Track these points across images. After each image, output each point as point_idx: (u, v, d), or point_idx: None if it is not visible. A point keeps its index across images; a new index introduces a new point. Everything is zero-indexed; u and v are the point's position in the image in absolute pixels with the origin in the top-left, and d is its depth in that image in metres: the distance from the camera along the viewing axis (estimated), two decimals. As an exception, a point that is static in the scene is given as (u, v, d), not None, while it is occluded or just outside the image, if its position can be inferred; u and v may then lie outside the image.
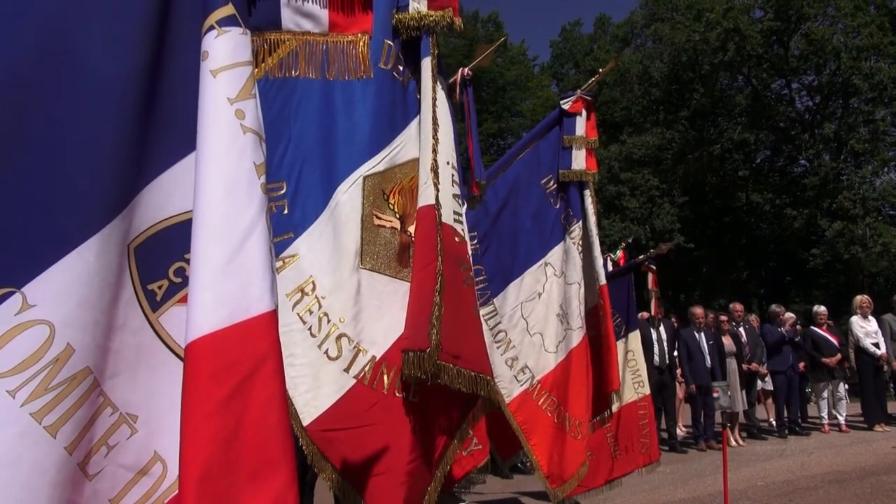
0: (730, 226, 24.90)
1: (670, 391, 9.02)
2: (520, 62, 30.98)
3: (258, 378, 1.48)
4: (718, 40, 21.17)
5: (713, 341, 9.06)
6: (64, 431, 1.46)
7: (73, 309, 1.49)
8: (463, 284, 2.42)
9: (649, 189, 23.46)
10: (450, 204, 2.45)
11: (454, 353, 2.25)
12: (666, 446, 8.81)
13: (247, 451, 1.44)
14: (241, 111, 1.59)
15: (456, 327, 2.31)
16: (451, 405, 2.38)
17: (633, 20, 28.45)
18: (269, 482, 1.44)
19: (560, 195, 4.34)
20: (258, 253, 1.53)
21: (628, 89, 26.06)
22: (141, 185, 1.65)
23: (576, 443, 4.13)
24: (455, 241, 2.44)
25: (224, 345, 1.46)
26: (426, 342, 2.15)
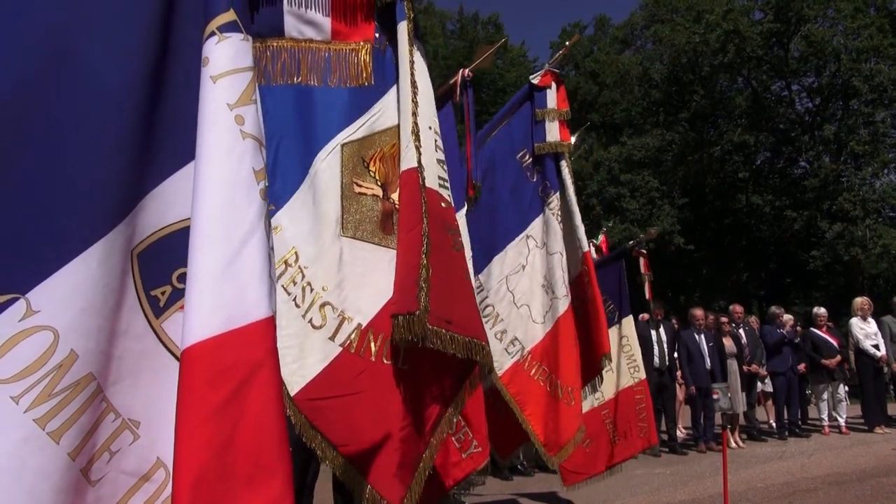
0: (730, 227, 24.89)
1: (670, 393, 9.02)
2: (520, 64, 30.96)
3: (254, 384, 1.48)
4: (718, 42, 21.18)
5: (713, 343, 9.06)
6: (67, 437, 1.46)
7: (76, 315, 1.49)
8: (452, 249, 2.41)
9: (649, 191, 23.45)
10: (434, 169, 2.43)
11: (446, 318, 2.23)
12: (666, 448, 8.81)
13: (242, 457, 1.44)
14: (240, 117, 1.59)
15: (447, 292, 2.29)
16: (443, 372, 2.36)
17: (632, 22, 28.45)
18: (265, 488, 1.44)
19: (536, 168, 4.39)
20: (256, 259, 1.54)
21: (628, 91, 26.06)
22: (144, 191, 1.66)
23: (569, 409, 4.19)
24: (441, 207, 2.42)
25: (220, 350, 1.47)
26: (415, 305, 2.13)
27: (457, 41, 30.58)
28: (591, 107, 29.29)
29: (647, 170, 23.88)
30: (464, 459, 3.23)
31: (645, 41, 27.43)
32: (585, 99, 29.43)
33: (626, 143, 24.67)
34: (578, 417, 4.30)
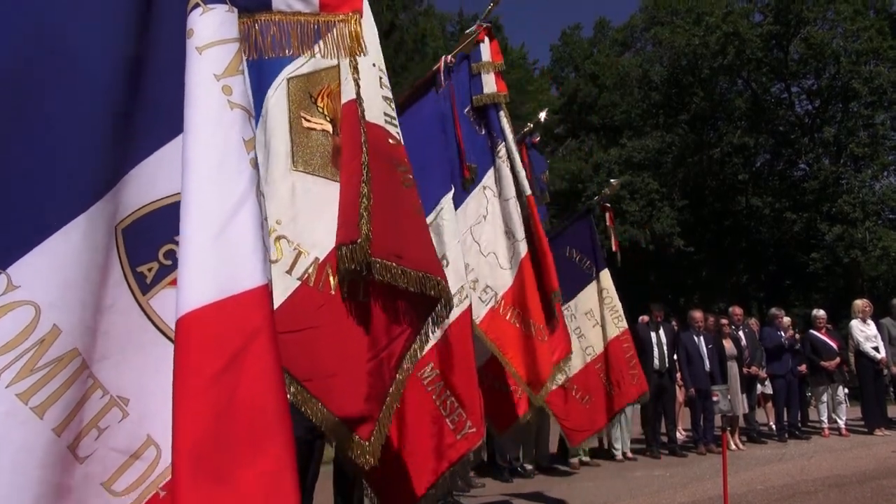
0: (729, 229, 24.90)
1: (670, 395, 9.00)
2: (520, 66, 30.96)
3: (251, 352, 1.47)
4: (718, 44, 21.21)
5: (712, 345, 9.05)
6: (52, 413, 1.45)
7: (58, 290, 1.48)
8: (402, 185, 2.40)
9: (649, 192, 23.46)
10: (379, 105, 2.42)
11: (396, 252, 2.23)
12: (666, 450, 8.80)
13: (241, 425, 1.43)
14: (228, 87, 1.59)
15: (396, 227, 2.29)
16: (404, 308, 2.34)
17: (632, 24, 28.48)
18: (264, 457, 1.43)
19: (482, 122, 4.44)
20: (249, 227, 1.53)
21: (628, 93, 26.08)
22: (128, 167, 1.65)
23: (543, 345, 4.27)
24: (389, 143, 2.41)
25: (215, 319, 1.46)
26: (356, 233, 2.12)
27: (457, 43, 30.55)
28: (591, 109, 29.31)
29: (646, 172, 23.89)
30: (458, 440, 3.23)
31: (645, 43, 27.46)
32: (585, 101, 29.45)
33: (626, 144, 24.68)
34: (551, 351, 4.36)
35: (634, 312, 14.22)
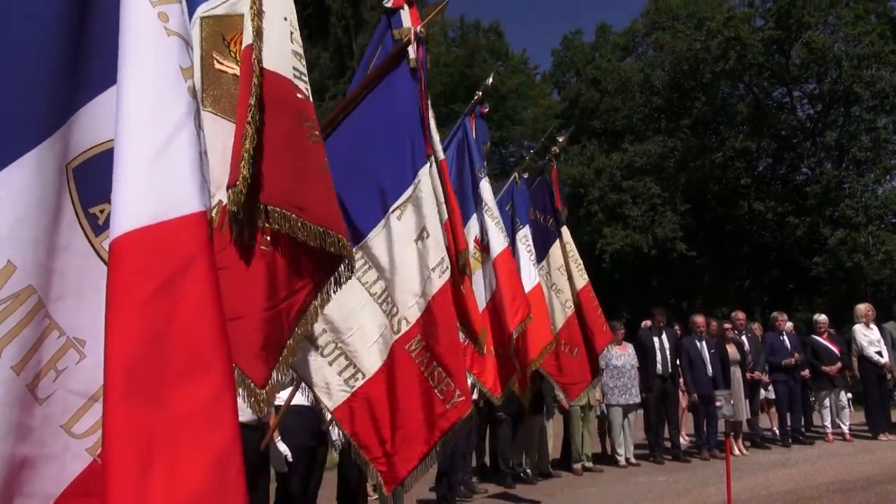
0: (732, 234, 24.86)
1: (673, 400, 8.98)
2: (521, 71, 31.04)
3: (189, 277, 1.46)
4: (719, 49, 21.22)
5: (715, 349, 9.03)
6: (9, 350, 1.45)
7: (11, 224, 1.48)
8: (308, 140, 2.38)
9: (651, 197, 23.45)
10: (289, 59, 2.41)
11: (298, 204, 2.22)
12: (669, 455, 8.78)
13: (177, 349, 1.42)
14: (164, 14, 1.58)
15: (300, 179, 2.28)
16: (306, 261, 2.34)
17: (633, 29, 28.51)
18: (202, 382, 1.42)
19: None
20: (186, 153, 1.52)
21: (629, 98, 26.09)
22: (77, 106, 1.65)
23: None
24: (297, 97, 2.40)
25: (151, 241, 1.45)
26: (237, 173, 2.12)
27: (458, 49, 30.65)
28: (593, 114, 29.34)
29: (648, 176, 23.88)
30: (448, 409, 3.24)
31: (646, 48, 27.48)
32: (587, 106, 29.48)
33: (628, 149, 24.69)
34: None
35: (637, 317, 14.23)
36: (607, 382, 8.65)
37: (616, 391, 8.59)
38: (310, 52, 17.78)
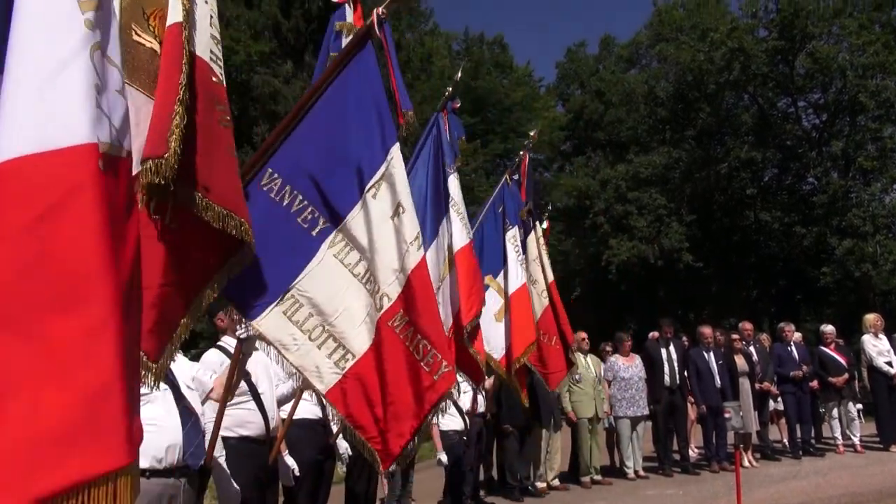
0: (738, 244, 24.79)
1: (681, 411, 8.92)
2: (525, 83, 31.18)
3: (71, 208, 1.44)
4: (723, 60, 21.26)
5: (723, 361, 8.97)
6: None
7: None
8: (219, 124, 2.40)
9: (657, 208, 23.44)
10: (206, 42, 2.42)
11: (204, 184, 2.24)
12: (678, 468, 8.71)
13: (51, 281, 1.40)
14: None
15: (209, 160, 2.29)
16: (207, 243, 2.35)
17: (637, 41, 28.62)
18: (76, 315, 1.40)
19: None
20: (78, 85, 1.49)
21: (634, 109, 26.15)
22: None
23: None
24: (213, 81, 2.41)
25: (33, 170, 1.43)
26: (164, 148, 2.10)
27: (462, 61, 30.80)
28: (598, 125, 29.41)
29: (654, 187, 23.88)
30: (436, 381, 3.24)
31: (650, 60, 27.58)
32: (591, 117, 29.57)
33: (633, 160, 24.71)
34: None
35: (644, 329, 14.17)
36: (615, 394, 8.61)
37: (624, 403, 8.54)
38: (312, 64, 17.94)
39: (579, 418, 8.21)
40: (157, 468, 2.77)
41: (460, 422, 6.64)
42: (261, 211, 2.99)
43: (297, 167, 3.18)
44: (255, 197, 3.00)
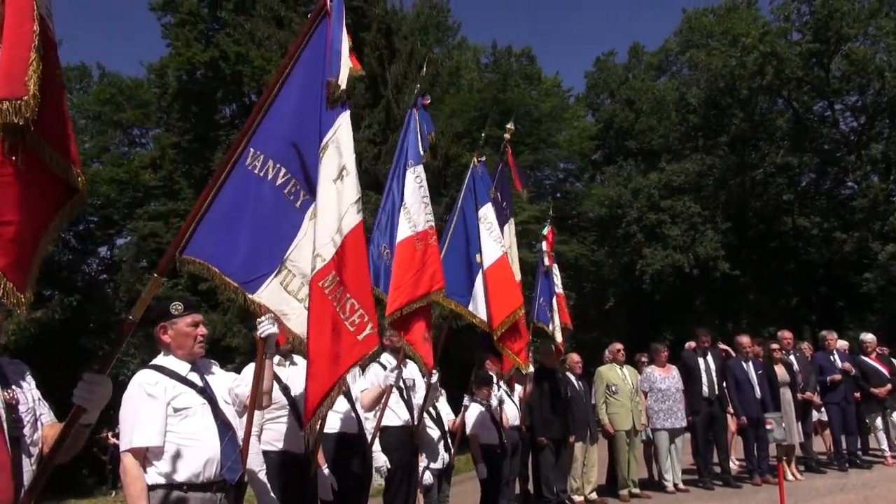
0: (776, 251, 24.33)
1: (721, 423, 8.74)
2: (554, 94, 31.16)
3: None
4: (756, 65, 21.00)
5: (762, 371, 8.79)
6: None
7: None
8: (57, 83, 2.43)
9: (691, 216, 23.15)
10: (44, 2, 2.44)
11: (49, 132, 2.29)
12: (719, 481, 8.54)
13: None
14: None
15: (54, 115, 2.33)
16: (45, 189, 2.38)
17: (667, 48, 28.43)
18: None
19: None
20: None
21: (665, 117, 25.94)
22: None
23: None
24: (51, 37, 2.43)
25: None
26: (23, 90, 2.13)
27: (491, 74, 30.94)
28: (628, 134, 29.21)
29: (687, 195, 23.61)
30: (359, 341, 3.28)
31: (680, 67, 27.37)
32: (622, 126, 29.39)
33: (665, 168, 24.48)
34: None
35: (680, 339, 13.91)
36: (652, 406, 8.49)
37: (661, 415, 8.42)
38: (345, 82, 18.18)
39: (616, 430, 8.12)
40: (195, 482, 2.82)
41: (496, 434, 6.63)
42: (250, 190, 3.07)
43: (278, 141, 3.24)
44: (245, 178, 3.07)
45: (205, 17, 23.90)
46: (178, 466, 2.81)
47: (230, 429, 2.99)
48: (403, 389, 5.41)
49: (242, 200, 2.97)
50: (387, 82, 18.49)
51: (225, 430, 2.95)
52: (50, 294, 18.08)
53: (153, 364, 3.03)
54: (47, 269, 18.11)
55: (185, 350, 3.02)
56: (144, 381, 2.89)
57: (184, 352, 3.02)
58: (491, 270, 5.47)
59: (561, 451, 7.62)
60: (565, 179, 32.50)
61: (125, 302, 19.49)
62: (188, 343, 3.02)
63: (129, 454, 2.79)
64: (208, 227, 2.84)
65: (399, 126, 17.93)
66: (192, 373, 3.00)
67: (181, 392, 2.91)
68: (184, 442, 2.84)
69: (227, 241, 2.93)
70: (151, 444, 2.80)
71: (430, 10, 23.94)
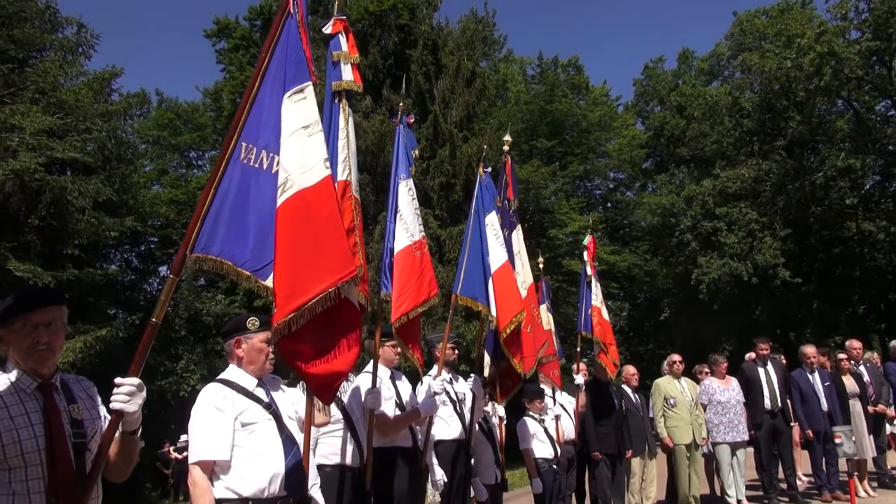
0: (840, 257, 23.40)
1: (785, 437, 8.41)
2: (602, 103, 30.86)
3: None
4: (812, 65, 20.33)
5: (830, 382, 8.43)
6: None
7: None
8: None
9: (748, 223, 22.47)
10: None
11: None
12: (785, 497, 8.22)
13: None
14: None
15: None
16: None
17: (718, 52, 27.86)
18: None
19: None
20: None
21: (718, 122, 25.34)
22: None
23: None
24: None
25: None
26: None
27: (537, 85, 30.87)
28: (679, 141, 28.67)
29: (743, 201, 22.96)
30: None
31: (732, 71, 26.74)
32: (673, 133, 28.87)
33: (720, 175, 23.88)
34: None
35: (740, 349, 13.49)
36: (711, 419, 8.23)
37: (722, 428, 8.15)
38: (392, 98, 18.44)
39: (676, 444, 7.90)
40: (259, 497, 2.84)
41: (551, 449, 6.55)
42: (249, 182, 3.10)
43: (268, 130, 3.24)
44: (242, 172, 3.10)
45: (257, 41, 24.65)
46: (245, 481, 2.84)
47: (294, 444, 3.00)
48: (456, 403, 5.41)
49: (243, 193, 3.03)
50: (434, 97, 18.65)
51: (290, 446, 2.96)
52: (114, 313, 18.74)
53: (221, 378, 3.07)
54: (112, 289, 18.83)
55: (256, 366, 3.06)
56: (213, 395, 2.94)
57: (255, 367, 3.06)
58: (497, 274, 5.56)
59: (617, 465, 7.47)
60: (616, 189, 32.08)
61: (184, 319, 20.06)
62: (260, 359, 3.06)
63: (197, 467, 2.82)
64: (214, 224, 2.90)
65: (447, 142, 18.10)
66: (258, 388, 3.04)
67: (248, 407, 2.94)
68: (250, 457, 2.87)
69: (234, 233, 2.97)
70: (219, 458, 2.83)
71: (476, 24, 24.11)
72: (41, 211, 13.25)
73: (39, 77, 14.20)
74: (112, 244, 18.90)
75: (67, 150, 13.65)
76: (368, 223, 17.92)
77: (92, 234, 14.76)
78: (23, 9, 14.53)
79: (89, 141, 15.26)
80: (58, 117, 13.67)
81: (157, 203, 22.07)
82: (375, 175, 17.29)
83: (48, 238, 13.88)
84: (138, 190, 20.12)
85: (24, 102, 13.37)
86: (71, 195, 13.69)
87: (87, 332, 13.48)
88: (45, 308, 2.30)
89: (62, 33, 15.87)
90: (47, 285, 12.13)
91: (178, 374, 19.16)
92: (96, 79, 16.51)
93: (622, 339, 29.65)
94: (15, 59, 14.15)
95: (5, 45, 13.79)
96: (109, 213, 15.53)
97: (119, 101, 17.41)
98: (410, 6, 19.40)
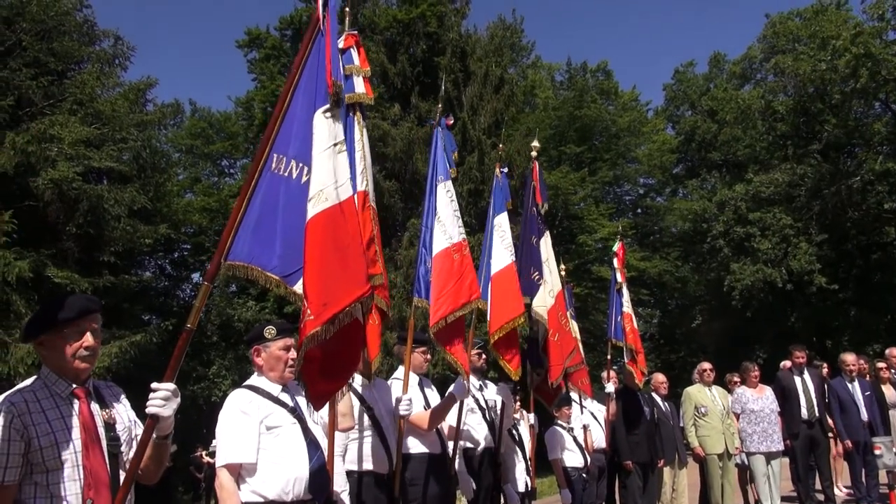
0: (879, 263, 22.78)
1: (823, 448, 8.19)
2: (632, 108, 30.59)
3: None
4: (848, 67, 19.89)
5: (869, 391, 8.21)
6: None
7: None
8: None
9: (782, 228, 22.03)
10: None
11: None
12: (823, 509, 8.02)
13: None
14: None
15: None
16: None
17: (750, 55, 27.44)
18: None
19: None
20: None
21: (751, 126, 24.94)
22: None
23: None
24: None
25: None
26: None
27: (566, 91, 30.73)
28: (711, 145, 28.30)
29: (777, 206, 22.53)
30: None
31: (765, 74, 26.32)
32: (704, 138, 28.51)
33: (753, 180, 23.47)
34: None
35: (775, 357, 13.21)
36: (744, 428, 8.06)
37: (755, 437, 7.98)
38: (421, 106, 18.52)
39: (708, 454, 7.76)
40: (283, 500, 2.88)
41: (580, 458, 6.48)
42: (279, 191, 3.13)
43: (298, 142, 3.26)
44: (273, 182, 3.13)
45: (287, 50, 25.00)
46: (269, 484, 2.89)
47: (318, 449, 3.04)
48: (486, 410, 5.39)
49: (273, 202, 3.07)
50: (462, 104, 18.69)
51: (314, 450, 3.00)
52: (148, 318, 19.10)
53: (247, 384, 3.13)
54: (146, 296, 19.19)
55: (276, 373, 3.11)
56: (239, 400, 3.00)
57: (275, 374, 3.11)
58: (497, 276, 5.53)
59: (649, 475, 7.37)
60: (646, 195, 31.72)
61: (216, 325, 20.36)
62: (279, 366, 3.11)
63: (224, 470, 2.87)
64: (246, 232, 2.94)
65: (475, 148, 18.11)
66: (283, 393, 3.09)
67: (273, 411, 2.99)
68: (275, 459, 2.91)
69: (264, 240, 3.01)
70: (245, 461, 2.88)
71: (504, 31, 24.12)
72: (79, 219, 13.56)
73: (77, 89, 14.57)
74: (146, 251, 19.31)
75: (104, 159, 13.97)
76: (397, 229, 18.00)
77: (127, 242, 15.09)
78: (62, 23, 14.92)
79: (125, 150, 15.62)
80: (95, 127, 14.00)
81: (189, 211, 22.47)
82: (404, 182, 17.39)
83: (85, 245, 14.21)
84: (172, 198, 20.52)
85: (62, 113, 13.72)
86: (107, 203, 14.02)
87: (122, 337, 13.74)
88: (95, 314, 2.40)
89: (99, 46, 16.27)
90: (84, 292, 12.40)
91: (210, 379, 19.45)
92: (132, 90, 16.88)
93: (652, 346, 29.28)
94: (54, 72, 14.53)
95: (45, 57, 14.16)
96: (144, 220, 15.86)
97: (154, 112, 17.77)
98: (439, 14, 19.51)
